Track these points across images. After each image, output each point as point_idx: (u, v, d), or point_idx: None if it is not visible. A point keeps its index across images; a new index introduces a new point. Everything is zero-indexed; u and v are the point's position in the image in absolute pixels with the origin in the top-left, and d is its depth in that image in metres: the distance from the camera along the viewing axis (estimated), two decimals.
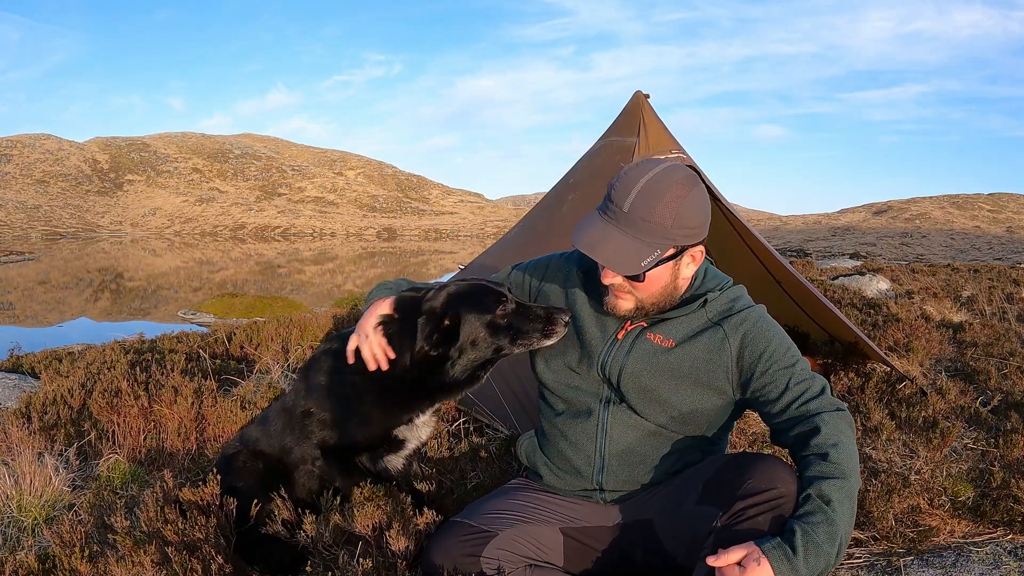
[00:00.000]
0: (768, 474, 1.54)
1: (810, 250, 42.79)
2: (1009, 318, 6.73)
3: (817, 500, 1.48)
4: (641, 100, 3.96)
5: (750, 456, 1.63)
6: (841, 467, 1.53)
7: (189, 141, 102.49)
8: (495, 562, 1.74)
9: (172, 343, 5.50)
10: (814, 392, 1.67)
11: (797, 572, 1.39)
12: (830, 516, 1.46)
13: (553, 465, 1.94)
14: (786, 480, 1.53)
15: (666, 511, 1.76)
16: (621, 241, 1.65)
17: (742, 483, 1.54)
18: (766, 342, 1.73)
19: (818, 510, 1.46)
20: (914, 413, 3.45)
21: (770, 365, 1.71)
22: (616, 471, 1.84)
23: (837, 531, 1.45)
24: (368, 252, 50.24)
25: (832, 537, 1.44)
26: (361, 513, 2.12)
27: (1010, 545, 2.32)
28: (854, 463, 1.56)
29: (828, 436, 1.57)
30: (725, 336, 1.75)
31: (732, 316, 1.78)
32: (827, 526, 1.44)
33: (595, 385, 1.87)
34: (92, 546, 2.14)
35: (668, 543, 1.73)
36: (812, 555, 1.41)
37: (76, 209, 75.77)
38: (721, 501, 1.57)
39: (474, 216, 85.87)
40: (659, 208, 1.63)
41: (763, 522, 1.49)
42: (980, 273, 12.31)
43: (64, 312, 18.07)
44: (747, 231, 4.20)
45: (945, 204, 67.63)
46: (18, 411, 3.51)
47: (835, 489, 1.49)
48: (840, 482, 1.50)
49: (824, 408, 1.64)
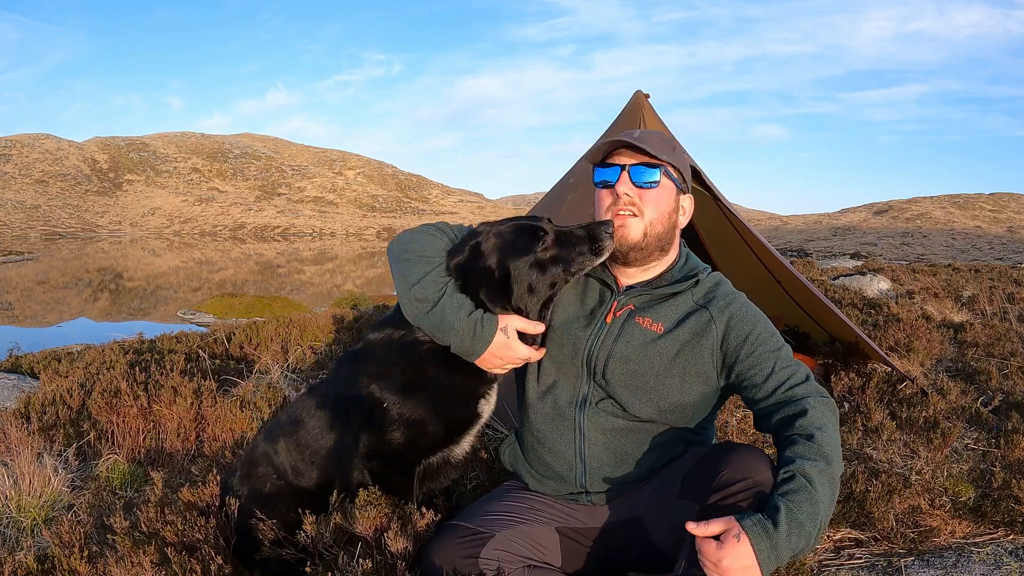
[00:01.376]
0: (743, 464, 1.52)
1: (811, 250, 42.81)
2: (1010, 318, 6.73)
3: (801, 479, 1.45)
4: (641, 100, 3.96)
5: (727, 446, 1.62)
6: (825, 451, 1.51)
7: (188, 141, 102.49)
8: (494, 563, 1.74)
9: (171, 343, 5.50)
10: (800, 378, 1.68)
11: (777, 551, 1.36)
12: (814, 496, 1.43)
13: (536, 472, 1.94)
14: (761, 469, 1.52)
15: (653, 507, 1.76)
16: (639, 145, 1.78)
17: (717, 475, 1.53)
18: (751, 325, 1.75)
19: (802, 488, 1.44)
20: (915, 413, 3.44)
21: (756, 348, 1.72)
22: (598, 473, 1.84)
23: (819, 512, 1.43)
24: (368, 252, 50.23)
25: (814, 518, 1.42)
26: (362, 514, 2.12)
27: (1011, 546, 2.31)
28: (837, 449, 1.55)
29: (814, 419, 1.57)
30: (711, 318, 1.78)
31: (717, 299, 1.81)
32: (810, 506, 1.42)
33: (572, 384, 1.86)
34: (91, 547, 2.14)
35: (658, 539, 1.73)
36: (795, 534, 1.38)
37: (75, 209, 75.74)
38: (698, 494, 1.56)
39: (474, 216, 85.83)
40: (659, 139, 1.84)
41: (739, 511, 1.47)
42: (981, 273, 12.32)
43: (63, 312, 18.06)
44: (748, 231, 4.20)
45: (946, 204, 67.68)
46: (17, 411, 3.51)
47: (818, 471, 1.47)
48: (823, 465, 1.49)
49: (810, 393, 1.65)
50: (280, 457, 2.03)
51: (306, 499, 1.97)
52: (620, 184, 1.81)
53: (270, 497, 2.02)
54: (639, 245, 1.82)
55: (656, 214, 1.82)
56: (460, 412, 1.92)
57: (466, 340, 1.75)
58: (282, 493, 2.01)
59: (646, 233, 1.81)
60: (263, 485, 2.05)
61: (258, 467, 2.08)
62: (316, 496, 1.97)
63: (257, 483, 2.06)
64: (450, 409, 1.90)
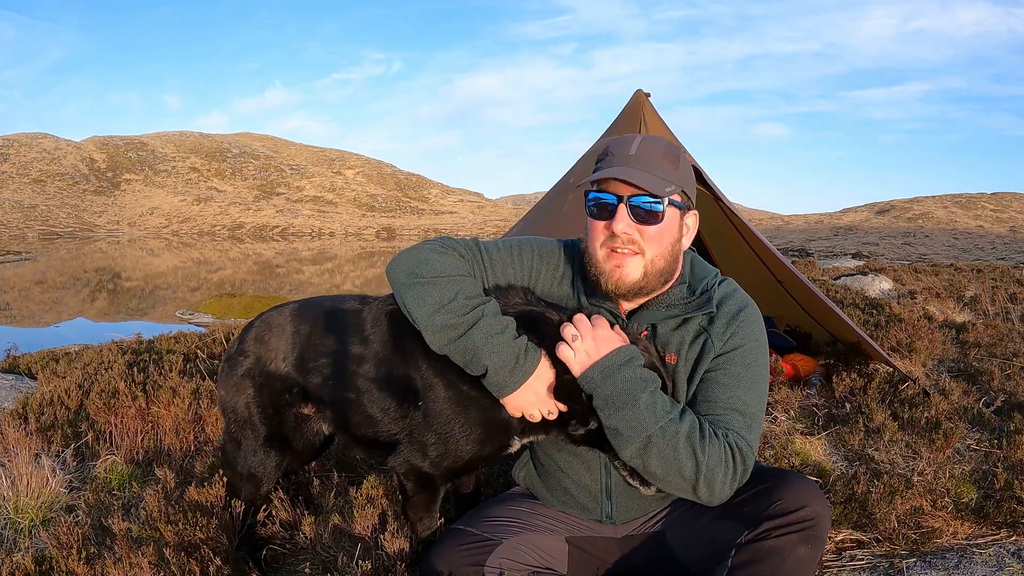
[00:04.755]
0: (798, 495, 1.51)
1: (812, 250, 42.83)
2: (1012, 318, 6.72)
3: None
4: (642, 99, 3.96)
5: (779, 473, 1.59)
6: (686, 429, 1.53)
7: (187, 140, 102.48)
8: (499, 571, 1.71)
9: (170, 343, 5.48)
10: (733, 426, 1.59)
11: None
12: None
13: (555, 499, 1.89)
14: (816, 501, 1.50)
15: (680, 524, 1.73)
16: (639, 173, 1.60)
17: (770, 503, 1.51)
18: (740, 365, 1.65)
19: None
20: (917, 414, 3.43)
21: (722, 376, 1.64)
22: (625, 504, 1.80)
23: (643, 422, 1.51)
24: (367, 252, 50.22)
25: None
26: (360, 515, 2.11)
27: (1013, 547, 2.31)
28: (688, 448, 1.52)
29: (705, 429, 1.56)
30: (710, 342, 1.67)
31: (719, 320, 1.69)
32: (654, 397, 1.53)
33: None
34: (89, 548, 2.12)
35: (681, 555, 1.71)
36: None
37: (73, 208, 75.71)
38: (747, 518, 1.53)
39: (474, 215, 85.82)
40: (661, 152, 1.65)
41: (789, 542, 1.47)
42: (983, 273, 12.31)
43: (61, 312, 18.02)
44: (749, 231, 4.19)
45: (948, 203, 67.76)
46: (15, 412, 3.49)
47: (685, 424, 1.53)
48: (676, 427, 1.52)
49: (729, 432, 1.58)
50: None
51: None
52: (617, 221, 1.61)
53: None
54: (638, 285, 1.66)
55: (658, 250, 1.64)
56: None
57: (507, 365, 1.60)
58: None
59: (646, 272, 1.65)
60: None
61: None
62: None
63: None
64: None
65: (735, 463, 1.54)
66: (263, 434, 2.01)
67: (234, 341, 2.11)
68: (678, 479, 1.52)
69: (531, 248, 1.83)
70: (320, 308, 2.00)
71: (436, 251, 1.73)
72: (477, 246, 1.80)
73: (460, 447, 1.76)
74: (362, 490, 2.30)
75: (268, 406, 1.99)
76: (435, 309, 1.64)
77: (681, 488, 1.54)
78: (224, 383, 2.05)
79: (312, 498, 2.49)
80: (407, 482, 1.86)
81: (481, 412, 1.73)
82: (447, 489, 1.95)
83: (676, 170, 1.65)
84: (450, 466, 1.81)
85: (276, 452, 2.04)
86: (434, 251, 1.73)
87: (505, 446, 1.81)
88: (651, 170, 1.61)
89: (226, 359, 2.07)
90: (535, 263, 1.81)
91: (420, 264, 1.69)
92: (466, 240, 1.82)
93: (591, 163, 4.59)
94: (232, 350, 2.07)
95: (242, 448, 2.04)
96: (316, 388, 1.94)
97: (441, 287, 1.65)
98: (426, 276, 1.67)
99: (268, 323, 2.02)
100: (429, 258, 1.70)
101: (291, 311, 2.02)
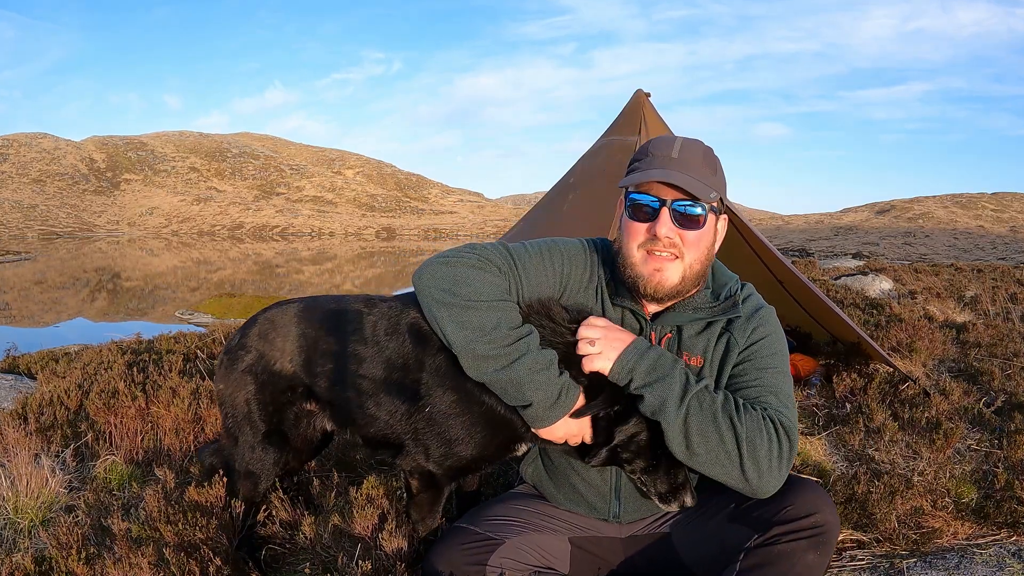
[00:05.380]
0: (809, 501, 1.52)
1: (812, 250, 42.83)
2: (1013, 318, 6.72)
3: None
4: (642, 98, 3.95)
5: (788, 479, 1.58)
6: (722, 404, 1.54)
7: (187, 140, 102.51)
8: (500, 571, 1.71)
9: (169, 343, 5.48)
10: (770, 403, 1.61)
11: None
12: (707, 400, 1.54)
13: (563, 497, 1.89)
14: (826, 508, 1.51)
15: (687, 525, 1.74)
16: (684, 177, 1.60)
17: (781, 508, 1.52)
18: (765, 359, 1.68)
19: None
20: (917, 414, 3.43)
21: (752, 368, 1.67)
22: (633, 504, 1.81)
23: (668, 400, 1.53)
24: (367, 252, 50.22)
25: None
26: (361, 515, 2.11)
27: (1014, 547, 2.31)
28: (729, 419, 1.53)
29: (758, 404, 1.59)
30: (734, 341, 1.69)
31: (739, 321, 1.70)
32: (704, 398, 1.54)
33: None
34: (89, 548, 2.12)
35: (687, 556, 1.71)
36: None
37: (73, 208, 75.70)
38: (757, 523, 1.55)
39: (474, 215, 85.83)
40: (701, 157, 1.65)
41: (799, 547, 1.47)
42: (983, 273, 12.31)
43: (61, 312, 18.01)
44: (749, 231, 4.18)
45: (948, 203, 67.75)
46: (14, 412, 3.49)
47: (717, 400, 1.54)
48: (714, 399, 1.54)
49: (768, 408, 1.59)
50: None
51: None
52: (660, 225, 1.61)
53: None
54: (676, 289, 1.66)
55: (696, 255, 1.65)
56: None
57: (549, 401, 1.59)
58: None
59: (684, 277, 1.66)
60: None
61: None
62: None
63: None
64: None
65: (777, 435, 1.53)
66: (262, 430, 2.00)
67: (234, 334, 2.10)
68: (722, 456, 1.50)
69: (559, 251, 1.79)
70: (326, 309, 1.99)
71: (475, 267, 1.65)
72: (510, 255, 1.73)
73: (463, 448, 1.77)
74: (362, 490, 2.30)
75: (269, 403, 1.98)
76: (476, 336, 1.59)
77: (727, 469, 1.51)
78: (224, 377, 2.03)
79: (312, 498, 2.49)
80: (412, 480, 1.86)
81: (485, 414, 1.74)
82: (451, 489, 1.95)
83: (715, 175, 1.66)
84: (453, 465, 1.81)
85: (275, 449, 2.03)
86: (472, 267, 1.65)
87: (511, 448, 1.81)
88: (694, 174, 1.61)
89: (226, 352, 2.05)
90: (565, 267, 1.77)
91: (458, 283, 1.62)
92: (499, 248, 1.75)
93: (591, 163, 4.60)
94: (232, 344, 2.05)
95: (239, 444, 2.03)
96: (323, 390, 1.94)
97: (483, 313, 1.60)
98: (466, 297, 1.61)
99: (273, 321, 2.01)
100: (468, 276, 1.63)
101: (296, 311, 2.01)
